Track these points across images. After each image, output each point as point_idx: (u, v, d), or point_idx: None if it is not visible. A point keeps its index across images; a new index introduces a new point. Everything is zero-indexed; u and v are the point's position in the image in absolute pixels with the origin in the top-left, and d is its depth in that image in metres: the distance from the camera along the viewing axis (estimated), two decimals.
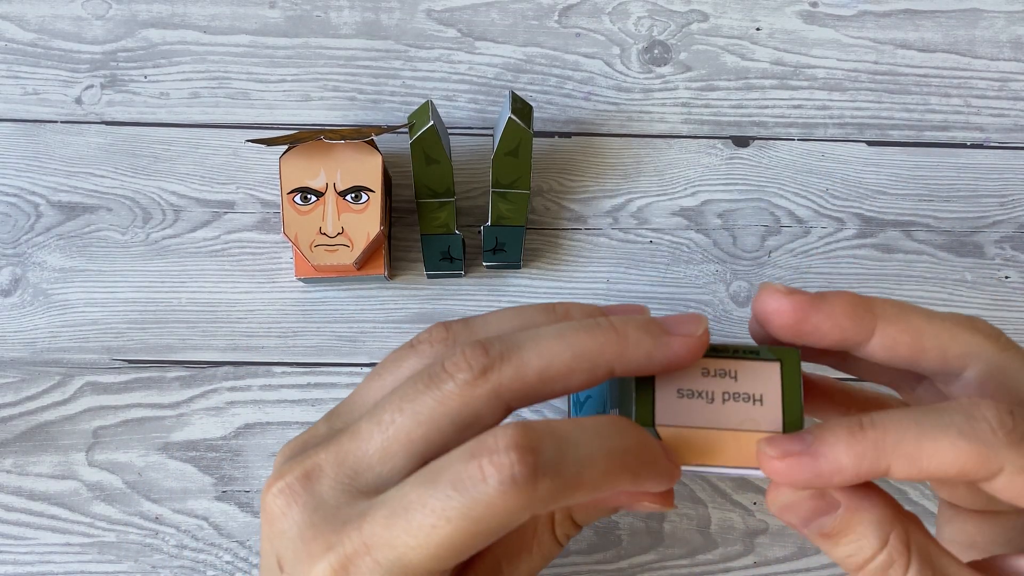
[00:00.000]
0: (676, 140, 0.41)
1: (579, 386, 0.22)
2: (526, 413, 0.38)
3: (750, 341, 0.25)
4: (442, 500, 0.20)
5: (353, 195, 0.37)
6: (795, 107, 0.42)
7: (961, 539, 0.28)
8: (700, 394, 0.23)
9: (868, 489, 0.22)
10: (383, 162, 0.37)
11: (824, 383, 0.28)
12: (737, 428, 0.23)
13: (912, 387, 0.26)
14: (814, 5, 0.43)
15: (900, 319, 0.23)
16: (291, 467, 0.23)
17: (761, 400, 0.23)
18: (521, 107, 0.37)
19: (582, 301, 0.39)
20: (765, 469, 0.22)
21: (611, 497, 0.23)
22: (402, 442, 0.22)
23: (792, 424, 0.23)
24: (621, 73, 0.42)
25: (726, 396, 0.23)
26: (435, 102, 0.41)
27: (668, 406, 0.23)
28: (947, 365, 0.23)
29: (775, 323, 0.23)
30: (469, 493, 0.20)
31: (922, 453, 0.20)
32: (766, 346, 0.23)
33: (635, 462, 0.21)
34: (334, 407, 0.25)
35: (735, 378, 0.23)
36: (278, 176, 0.40)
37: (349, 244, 0.36)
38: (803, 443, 0.21)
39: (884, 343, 0.23)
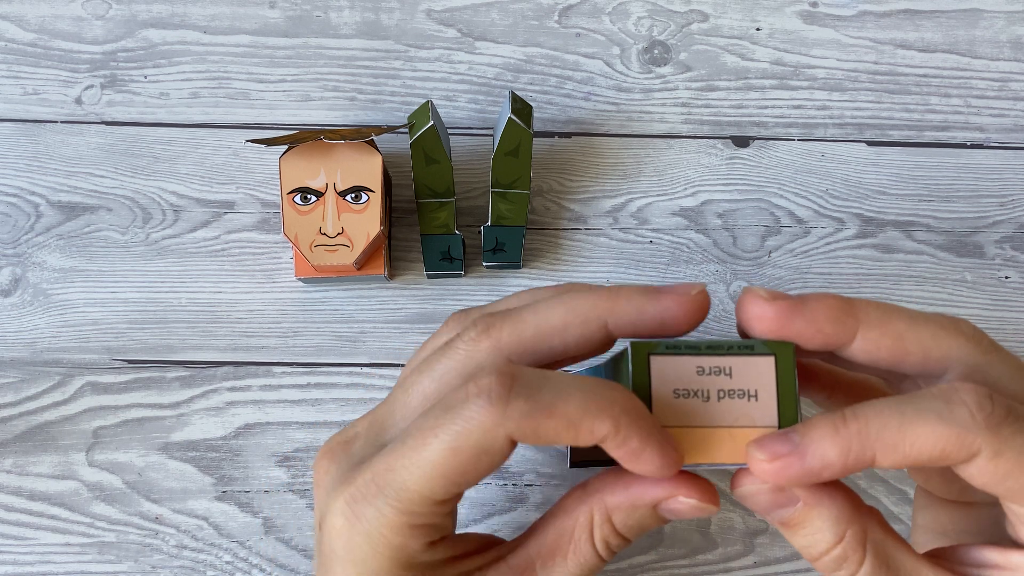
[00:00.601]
0: (676, 140, 0.41)
1: (576, 342, 0.24)
2: None
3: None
4: (432, 420, 0.22)
5: (353, 195, 0.37)
6: (795, 107, 0.42)
7: (934, 527, 0.28)
8: (696, 393, 0.23)
9: (829, 484, 0.23)
10: (383, 162, 0.37)
11: (811, 364, 0.28)
12: (733, 425, 0.23)
13: (899, 381, 0.26)
14: (814, 5, 0.43)
15: (882, 323, 0.23)
16: (337, 435, 0.26)
17: (756, 396, 0.23)
18: (521, 107, 0.37)
19: None
20: (755, 471, 0.22)
21: (642, 493, 0.23)
22: (419, 398, 0.24)
23: (787, 419, 0.23)
24: (621, 73, 0.42)
25: (721, 394, 0.23)
26: (435, 102, 0.41)
27: (665, 407, 0.23)
28: (928, 368, 0.23)
29: (756, 328, 0.23)
30: (453, 411, 0.22)
31: (904, 440, 0.21)
32: (760, 340, 0.24)
33: (616, 409, 0.22)
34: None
35: (730, 375, 0.23)
36: (278, 176, 0.40)
37: (349, 244, 0.36)
38: (790, 443, 0.22)
39: (865, 347, 0.23)
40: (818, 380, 0.28)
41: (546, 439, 0.22)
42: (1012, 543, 0.23)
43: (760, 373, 0.23)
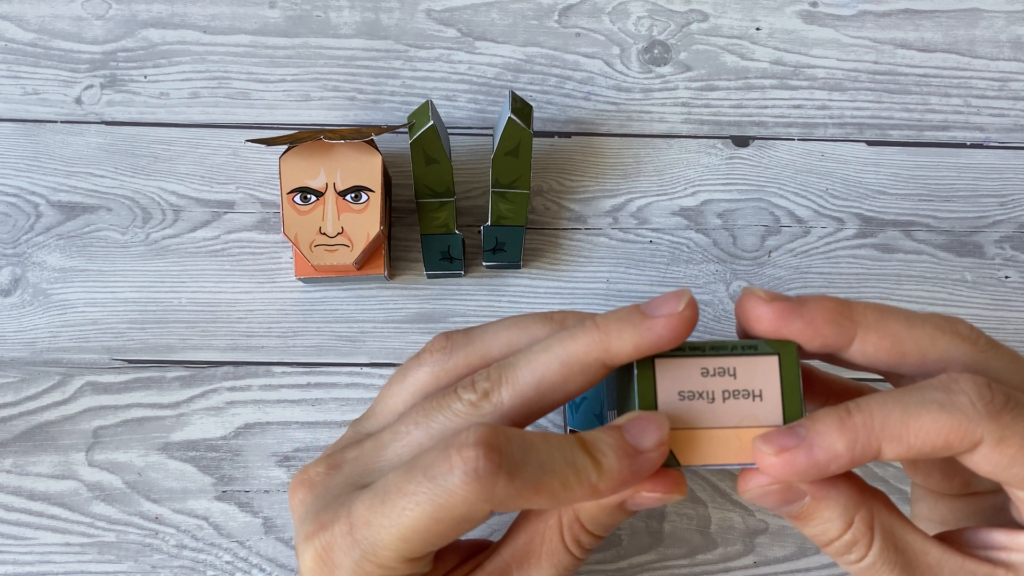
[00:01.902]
0: (676, 140, 0.41)
1: (580, 388, 0.24)
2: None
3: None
4: (413, 485, 0.22)
5: (353, 195, 0.37)
6: (795, 107, 0.42)
7: (933, 516, 0.28)
8: (701, 395, 0.23)
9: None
10: (383, 162, 0.37)
11: (807, 372, 0.28)
12: (738, 425, 0.23)
13: (900, 379, 0.26)
14: (814, 5, 0.43)
15: (880, 326, 0.23)
16: (316, 464, 0.26)
17: (761, 395, 0.23)
18: (521, 107, 0.37)
19: (582, 301, 0.40)
20: (762, 466, 0.22)
21: (610, 497, 0.24)
22: (413, 450, 0.24)
23: (792, 418, 0.23)
24: (621, 73, 0.42)
25: (726, 394, 0.23)
26: (435, 102, 0.41)
27: (671, 409, 0.23)
28: (927, 368, 0.23)
29: (755, 329, 0.24)
30: (436, 481, 0.21)
31: (908, 431, 0.21)
32: (764, 340, 0.24)
33: (594, 478, 0.22)
34: (358, 417, 0.28)
35: (734, 375, 0.23)
36: (278, 176, 0.40)
37: (349, 244, 0.36)
38: (797, 436, 0.22)
39: (864, 350, 0.23)
40: (814, 388, 0.28)
41: (527, 508, 0.22)
42: (1018, 526, 0.23)
43: (764, 373, 0.23)
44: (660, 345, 0.23)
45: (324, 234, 0.36)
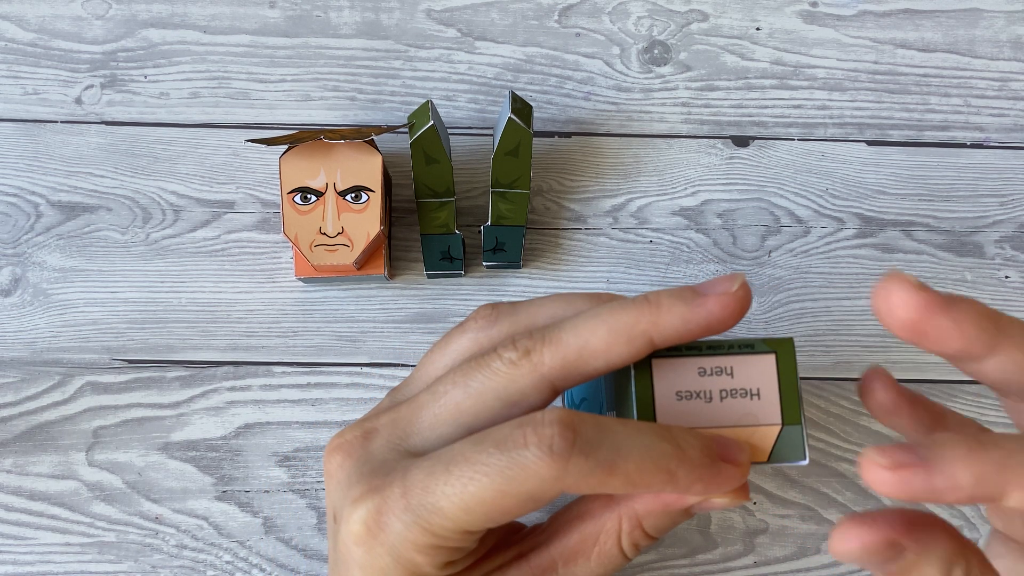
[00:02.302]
0: (676, 140, 0.41)
1: (621, 361, 0.23)
2: None
3: (749, 336, 0.25)
4: (484, 455, 0.21)
5: (353, 195, 0.37)
6: (795, 107, 0.42)
7: None
8: (699, 394, 0.23)
9: (933, 524, 0.21)
10: (383, 162, 0.37)
11: (917, 397, 0.26)
12: (736, 424, 0.23)
13: (1016, 406, 0.24)
14: (814, 5, 0.43)
15: None
16: (352, 428, 0.25)
17: (758, 394, 0.23)
18: (521, 107, 0.37)
19: None
20: (869, 478, 0.20)
21: (676, 500, 0.23)
22: (451, 411, 0.24)
23: (791, 416, 0.23)
24: (621, 73, 0.42)
25: (724, 393, 0.23)
26: (435, 102, 0.41)
27: (669, 409, 0.23)
28: None
29: (897, 315, 0.21)
30: (509, 454, 0.21)
31: None
32: (760, 339, 0.24)
33: (673, 464, 0.22)
34: (397, 385, 0.28)
35: (731, 375, 0.23)
36: (278, 176, 0.40)
37: (349, 244, 0.36)
38: (915, 455, 0.20)
39: (1004, 366, 0.21)
40: (914, 414, 0.26)
41: (600, 491, 0.22)
42: None
43: (761, 371, 0.23)
44: (710, 324, 0.23)
45: (324, 234, 0.36)
